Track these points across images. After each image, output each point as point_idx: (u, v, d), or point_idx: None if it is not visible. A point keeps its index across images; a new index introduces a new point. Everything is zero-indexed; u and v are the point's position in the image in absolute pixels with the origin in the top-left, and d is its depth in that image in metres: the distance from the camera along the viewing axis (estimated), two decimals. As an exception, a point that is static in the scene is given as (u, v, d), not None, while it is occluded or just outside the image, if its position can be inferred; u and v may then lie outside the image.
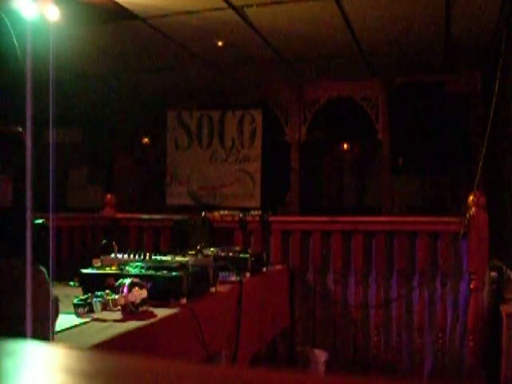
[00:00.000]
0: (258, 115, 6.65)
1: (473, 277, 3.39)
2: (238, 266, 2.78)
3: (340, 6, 4.09)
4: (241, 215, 3.94)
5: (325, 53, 5.26)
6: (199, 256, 2.78)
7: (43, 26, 3.60)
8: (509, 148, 4.20)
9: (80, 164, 7.30)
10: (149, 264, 2.30)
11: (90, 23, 4.42)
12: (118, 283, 1.92)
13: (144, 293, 1.89)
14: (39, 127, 1.08)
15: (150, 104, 6.93)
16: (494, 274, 3.52)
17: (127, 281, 1.90)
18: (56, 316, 1.24)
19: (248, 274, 2.92)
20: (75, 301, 1.86)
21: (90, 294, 1.88)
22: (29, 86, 0.99)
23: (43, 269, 1.16)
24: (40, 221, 1.28)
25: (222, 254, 2.98)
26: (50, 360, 0.46)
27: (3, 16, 1.08)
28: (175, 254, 2.71)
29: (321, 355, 3.67)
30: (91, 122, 7.07)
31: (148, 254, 2.59)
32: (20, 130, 0.96)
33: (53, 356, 0.47)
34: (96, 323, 1.75)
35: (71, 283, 2.57)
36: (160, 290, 2.04)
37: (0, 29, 1.07)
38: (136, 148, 7.28)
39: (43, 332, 1.10)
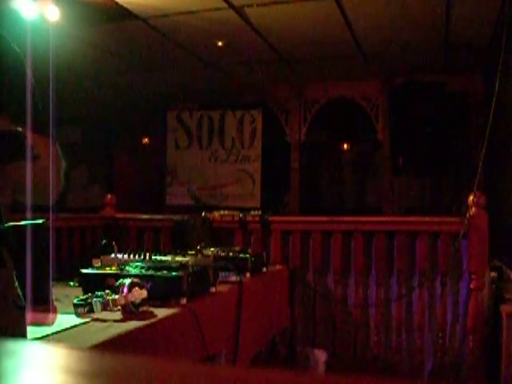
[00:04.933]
0: (258, 115, 6.65)
1: (473, 277, 3.39)
2: (238, 266, 2.78)
3: (340, 6, 4.09)
4: (241, 215, 3.94)
5: (325, 53, 5.26)
6: (199, 256, 2.78)
7: (43, 26, 3.60)
8: (509, 148, 4.20)
9: (80, 164, 7.30)
10: (149, 264, 2.30)
11: (89, 23, 4.42)
12: (117, 283, 1.92)
13: (144, 293, 1.89)
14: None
15: (150, 104, 6.93)
16: (494, 274, 3.52)
17: (127, 281, 1.90)
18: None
19: (248, 274, 2.92)
20: (75, 301, 1.86)
21: (90, 294, 1.88)
22: (29, 86, 0.99)
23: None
24: (40, 221, 1.28)
25: (222, 254, 2.98)
26: (49, 360, 0.46)
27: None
28: (175, 254, 2.71)
29: (321, 355, 3.67)
30: (91, 122, 7.08)
31: (148, 254, 2.59)
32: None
33: (53, 356, 0.47)
34: (96, 323, 1.75)
35: (71, 283, 2.57)
36: (160, 290, 2.04)
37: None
38: (136, 148, 7.28)
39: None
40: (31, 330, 1.29)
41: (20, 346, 0.47)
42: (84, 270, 2.24)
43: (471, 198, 3.38)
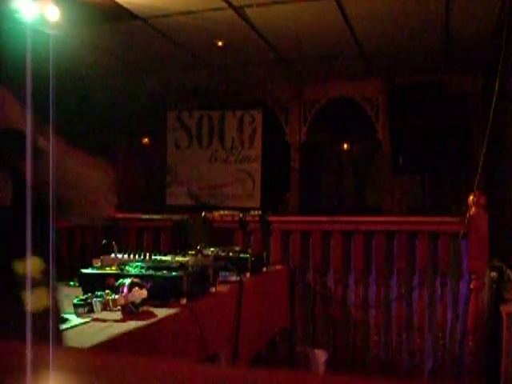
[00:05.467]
0: (258, 115, 6.64)
1: (473, 277, 3.39)
2: (238, 265, 2.78)
3: (340, 6, 4.09)
4: (241, 215, 3.93)
5: (325, 53, 5.26)
6: (199, 256, 2.78)
7: (43, 26, 3.60)
8: (509, 148, 4.20)
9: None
10: (149, 264, 2.29)
11: (90, 23, 4.42)
12: (117, 283, 1.92)
13: (144, 293, 1.89)
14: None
15: (150, 104, 6.92)
16: (494, 274, 3.52)
17: (127, 281, 1.90)
18: None
19: (248, 274, 2.92)
20: (75, 301, 1.86)
21: (90, 294, 1.88)
22: (29, 86, 0.99)
23: None
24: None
25: (222, 254, 2.98)
26: (50, 360, 0.46)
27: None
28: (175, 253, 2.71)
29: (321, 355, 3.67)
30: (91, 122, 7.07)
31: (148, 254, 2.59)
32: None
33: (53, 356, 0.47)
34: (96, 323, 1.75)
35: (71, 283, 2.57)
36: (160, 289, 2.04)
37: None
38: (136, 148, 7.28)
39: None
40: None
41: (21, 346, 0.47)
42: (84, 270, 2.24)
43: (471, 197, 3.37)
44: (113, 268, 2.27)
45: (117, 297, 1.84)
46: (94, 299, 1.84)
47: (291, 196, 6.59)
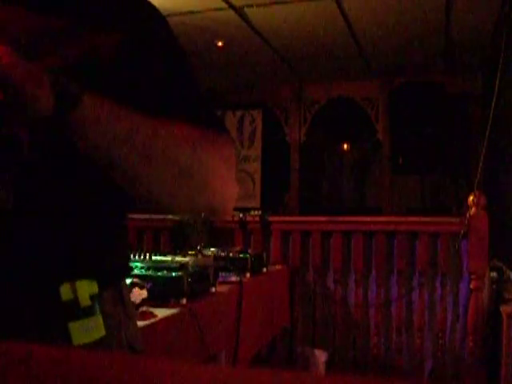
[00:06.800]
0: (258, 115, 6.65)
1: (473, 277, 3.39)
2: (238, 266, 2.79)
3: (340, 6, 4.09)
4: (241, 215, 3.93)
5: (325, 53, 5.26)
6: (199, 256, 2.78)
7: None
8: (509, 148, 4.20)
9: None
10: (149, 264, 2.29)
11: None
12: (118, 283, 1.92)
13: (144, 293, 1.89)
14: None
15: (150, 104, 6.91)
16: (494, 274, 3.52)
17: (127, 281, 1.90)
18: None
19: (248, 274, 2.92)
20: (75, 301, 1.85)
21: (90, 294, 1.88)
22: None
23: None
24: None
25: (222, 254, 2.98)
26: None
27: None
28: (175, 254, 2.71)
29: (321, 355, 3.67)
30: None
31: (148, 254, 2.59)
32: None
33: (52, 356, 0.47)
34: (96, 323, 1.75)
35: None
36: (160, 290, 2.04)
37: None
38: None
39: None
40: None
41: (16, 346, 0.47)
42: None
43: (471, 197, 3.37)
44: (113, 268, 2.26)
45: (117, 297, 1.84)
46: (94, 299, 1.83)
47: (291, 196, 6.59)
